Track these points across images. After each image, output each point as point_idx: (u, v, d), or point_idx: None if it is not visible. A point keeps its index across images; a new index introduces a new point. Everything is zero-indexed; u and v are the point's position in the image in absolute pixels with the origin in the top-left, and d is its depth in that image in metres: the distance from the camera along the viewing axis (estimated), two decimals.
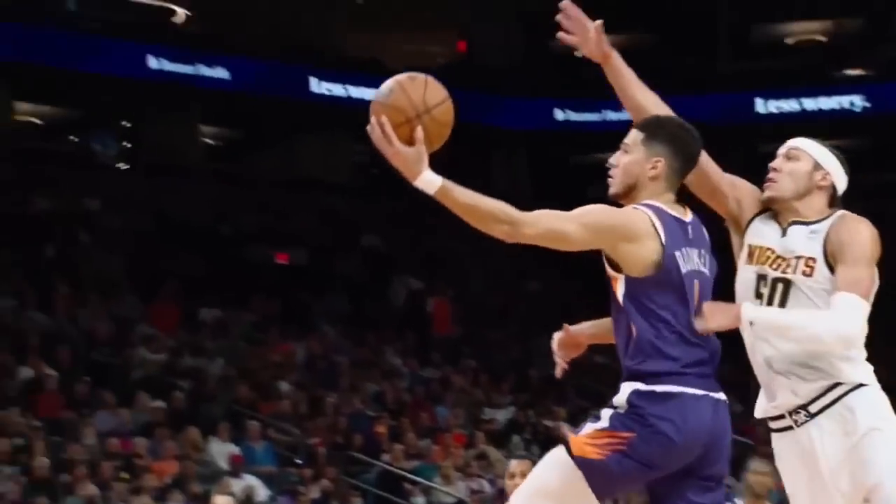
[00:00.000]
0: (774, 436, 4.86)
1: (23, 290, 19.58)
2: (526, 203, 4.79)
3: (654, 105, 4.86)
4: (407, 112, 4.49)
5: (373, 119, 4.48)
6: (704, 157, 4.79)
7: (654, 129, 4.67)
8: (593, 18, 4.91)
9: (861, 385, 4.71)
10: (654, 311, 4.51)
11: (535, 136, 29.23)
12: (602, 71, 4.94)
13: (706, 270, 4.65)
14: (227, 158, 28.65)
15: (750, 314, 4.61)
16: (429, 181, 4.45)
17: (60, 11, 26.36)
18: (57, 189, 23.16)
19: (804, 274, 4.70)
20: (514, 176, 29.03)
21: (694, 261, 4.60)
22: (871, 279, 4.68)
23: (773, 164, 4.84)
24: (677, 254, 4.55)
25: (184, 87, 25.53)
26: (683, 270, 4.55)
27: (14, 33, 23.71)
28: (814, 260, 4.71)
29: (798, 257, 4.72)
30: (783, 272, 4.73)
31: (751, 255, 4.81)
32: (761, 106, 28.52)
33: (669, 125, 4.70)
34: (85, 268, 21.23)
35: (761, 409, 4.86)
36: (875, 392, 4.73)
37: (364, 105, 4.58)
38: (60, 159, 25.89)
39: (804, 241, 4.74)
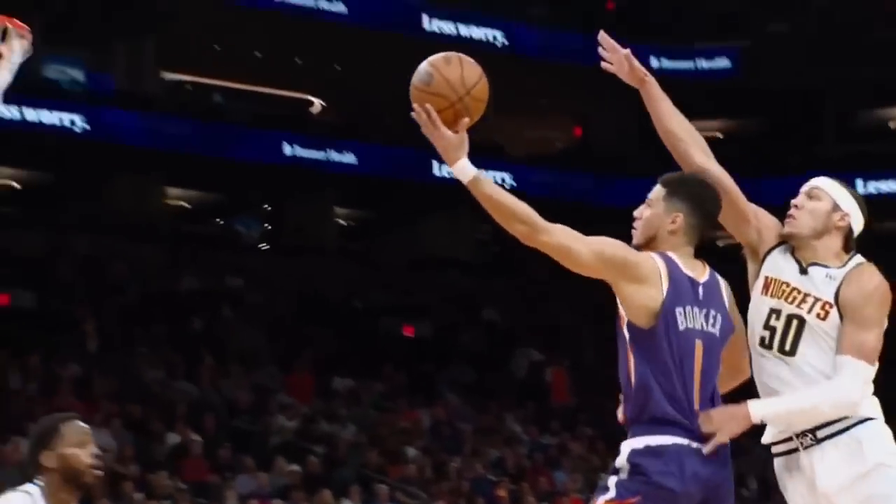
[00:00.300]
0: (777, 461, 4.75)
1: (172, 361, 19.87)
2: None
3: (686, 132, 4.81)
4: (449, 97, 4.45)
5: (416, 106, 4.43)
6: (730, 184, 4.73)
7: (676, 185, 4.61)
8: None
9: (868, 419, 4.61)
10: (650, 360, 4.42)
11: None
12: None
13: (716, 332, 4.53)
14: (359, 238, 28.92)
15: (758, 414, 4.52)
16: (464, 169, 4.41)
17: (209, 104, 26.94)
18: (204, 268, 23.55)
19: (818, 317, 4.62)
20: None
21: (698, 320, 4.49)
22: (877, 341, 4.59)
23: (794, 202, 4.76)
24: (678, 310, 4.45)
25: (318, 173, 25.86)
26: (681, 327, 4.44)
27: (168, 125, 24.23)
28: (830, 305, 4.62)
29: (816, 299, 4.63)
30: (798, 308, 4.63)
31: (766, 286, 4.71)
32: (861, 186, 28.12)
33: (691, 182, 4.64)
34: (229, 341, 21.49)
35: (770, 434, 4.75)
36: (881, 425, 4.64)
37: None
38: (207, 241, 26.35)
39: (822, 284, 4.64)
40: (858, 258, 4.73)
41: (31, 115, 22.27)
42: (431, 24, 26.45)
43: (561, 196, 26.39)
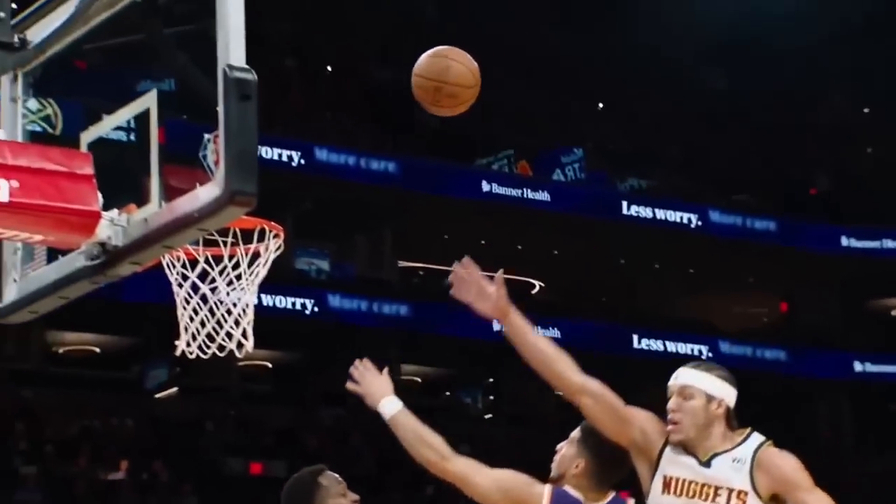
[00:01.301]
0: None
1: None
2: (848, 448, 4.65)
3: (557, 353, 4.66)
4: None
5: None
6: (609, 395, 4.57)
7: (587, 434, 4.60)
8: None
9: None
10: None
11: (852, 386, 28.24)
12: None
13: None
14: (572, 407, 28.70)
15: None
16: (386, 406, 4.76)
17: (439, 288, 27.42)
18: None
19: None
20: (838, 423, 28.05)
21: None
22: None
23: (670, 406, 4.55)
24: None
25: None
26: None
27: (402, 308, 24.73)
28: (745, 494, 4.36)
29: (730, 490, 4.37)
30: (713, 503, 4.37)
31: (668, 485, 4.44)
32: None
33: (598, 436, 4.56)
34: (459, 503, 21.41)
35: None
36: None
37: (718, 362, 4.57)
38: (437, 412, 26.55)
39: (731, 473, 4.39)
40: (755, 437, 4.49)
41: (283, 301, 23.05)
42: (630, 210, 26.59)
43: (758, 368, 26.00)
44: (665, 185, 28.58)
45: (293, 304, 23.30)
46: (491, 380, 28.19)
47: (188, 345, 5.13)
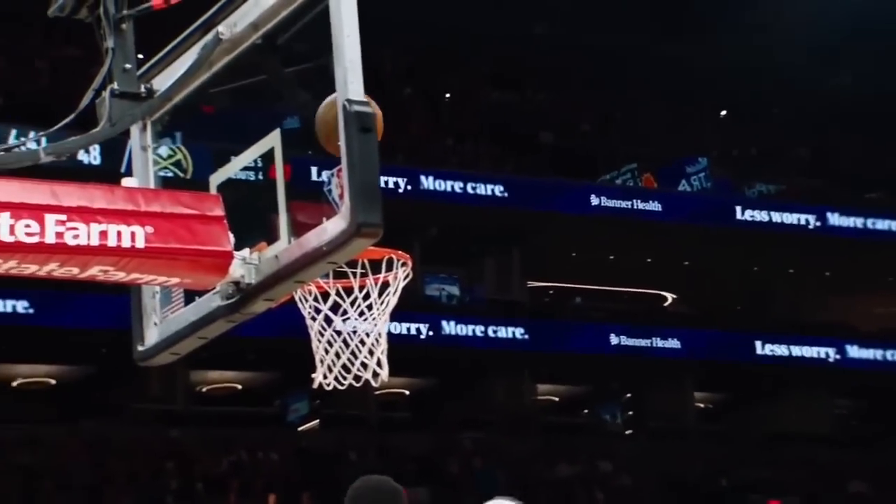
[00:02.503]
0: None
1: None
2: None
3: None
4: None
5: None
6: None
7: None
8: None
9: None
10: None
11: None
12: None
13: None
14: (717, 419, 28.31)
15: None
16: None
17: (571, 307, 27.28)
18: (576, 455, 23.55)
19: None
20: None
21: None
22: None
23: None
24: None
25: (677, 361, 25.63)
26: None
27: (534, 329, 24.66)
28: None
29: None
30: None
31: None
32: None
33: None
34: None
35: None
36: None
37: (845, 365, 4.47)
38: (576, 430, 26.39)
39: None
40: None
41: (414, 328, 23.15)
42: (744, 214, 26.17)
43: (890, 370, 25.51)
44: (794, 189, 28.08)
45: (420, 329, 23.38)
46: (629, 395, 27.93)
47: (325, 377, 5.18)
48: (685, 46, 27.53)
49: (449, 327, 23.63)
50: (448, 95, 28.23)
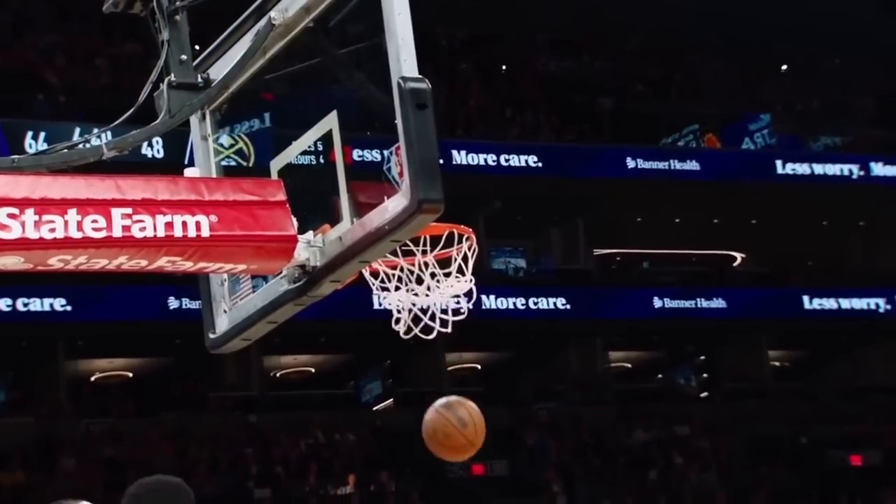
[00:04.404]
0: None
1: None
2: None
3: None
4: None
5: None
6: None
7: None
8: None
9: None
10: None
11: None
12: None
13: None
14: (795, 377, 28.08)
15: None
16: None
17: (638, 272, 27.15)
18: (652, 421, 23.47)
19: None
20: None
21: None
22: None
23: None
24: None
25: (750, 321, 25.44)
26: None
27: (602, 296, 24.60)
28: None
29: None
30: None
31: None
32: None
33: None
34: (683, 485, 21.18)
35: None
36: None
37: None
38: (652, 395, 26.29)
39: None
40: None
41: (487, 303, 23.16)
42: (785, 168, 25.83)
43: None
44: (861, 139, 27.68)
45: (488, 303, 23.38)
46: (703, 357, 27.76)
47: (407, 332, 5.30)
48: (744, 2, 27.21)
49: (518, 300, 23.61)
50: (504, 67, 28.12)
